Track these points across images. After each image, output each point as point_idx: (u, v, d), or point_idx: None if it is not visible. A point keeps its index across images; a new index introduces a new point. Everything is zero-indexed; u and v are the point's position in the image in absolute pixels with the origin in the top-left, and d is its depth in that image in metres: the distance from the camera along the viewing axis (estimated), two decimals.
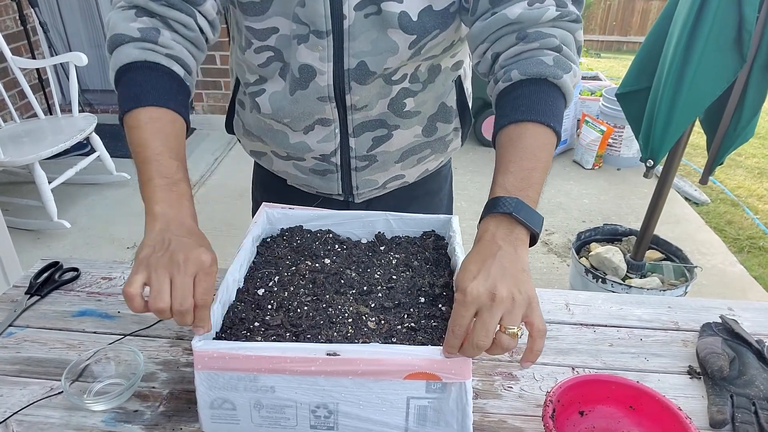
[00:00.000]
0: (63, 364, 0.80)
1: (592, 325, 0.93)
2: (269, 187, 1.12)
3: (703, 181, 1.93)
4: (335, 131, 0.92)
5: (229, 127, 1.07)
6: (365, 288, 0.80)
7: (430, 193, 1.12)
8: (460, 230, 0.88)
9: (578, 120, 3.92)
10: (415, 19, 0.78)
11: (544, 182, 0.68)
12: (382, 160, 0.97)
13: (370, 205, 1.07)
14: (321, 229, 0.95)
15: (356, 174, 0.98)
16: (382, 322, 0.74)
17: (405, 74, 0.88)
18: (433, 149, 1.00)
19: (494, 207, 0.64)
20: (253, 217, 1.20)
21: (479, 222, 0.65)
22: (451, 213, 1.21)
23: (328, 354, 0.63)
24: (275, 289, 0.80)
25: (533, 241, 0.66)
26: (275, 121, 0.93)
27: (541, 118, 0.69)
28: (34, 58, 3.56)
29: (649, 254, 2.21)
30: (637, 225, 2.25)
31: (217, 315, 0.72)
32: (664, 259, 2.23)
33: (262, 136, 0.98)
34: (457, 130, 1.02)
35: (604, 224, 2.38)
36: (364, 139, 0.93)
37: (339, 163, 0.96)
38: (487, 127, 4.02)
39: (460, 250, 0.82)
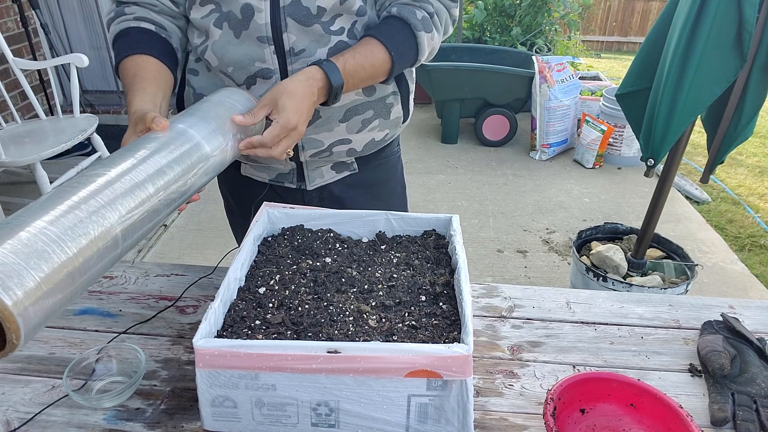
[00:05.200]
0: (65, 363, 0.80)
1: (593, 323, 0.93)
2: (225, 179, 1.17)
3: (704, 179, 1.93)
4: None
5: (180, 104, 1.08)
6: (366, 286, 0.81)
7: (380, 181, 1.15)
8: (461, 229, 0.89)
9: (579, 120, 3.92)
10: None
11: (364, 82, 0.95)
12: (325, 116, 0.98)
13: (322, 193, 1.09)
14: (322, 228, 0.95)
15: None
16: (383, 320, 0.74)
17: (342, 27, 0.94)
18: (375, 111, 1.02)
19: (323, 63, 0.88)
20: (226, 212, 1.25)
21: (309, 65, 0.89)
22: (405, 202, 1.25)
23: (329, 352, 0.63)
24: (276, 287, 0.80)
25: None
26: (223, 73, 0.96)
27: (390, 46, 0.92)
28: (35, 59, 3.56)
29: (649, 253, 2.21)
30: (637, 224, 2.25)
31: (218, 313, 0.72)
32: (665, 258, 2.23)
33: None
34: (396, 94, 1.05)
35: (605, 223, 2.37)
36: None
37: None
38: (488, 127, 4.03)
39: (460, 249, 0.82)
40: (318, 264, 0.85)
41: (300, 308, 0.76)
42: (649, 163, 1.77)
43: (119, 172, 0.64)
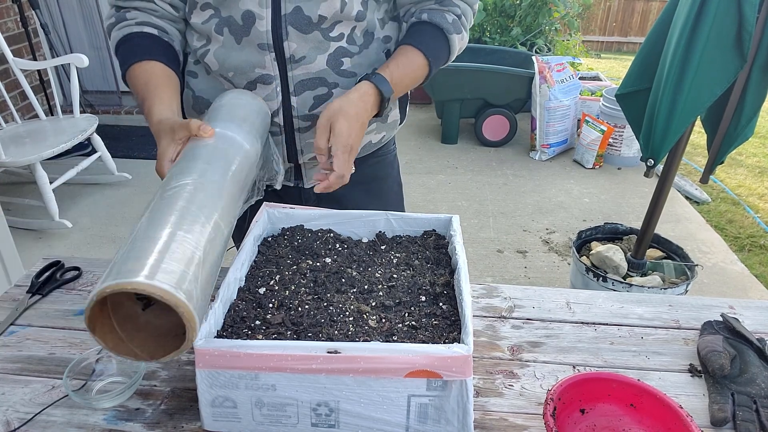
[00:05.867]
0: (65, 363, 0.80)
1: (593, 323, 0.93)
2: None
3: (704, 180, 1.93)
4: (276, 89, 0.95)
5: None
6: (366, 287, 0.81)
7: (377, 179, 1.16)
8: (461, 229, 0.89)
9: (579, 120, 3.92)
10: None
11: (407, 88, 1.00)
12: None
13: (322, 193, 1.09)
14: (322, 229, 0.95)
15: (300, 135, 1.00)
16: (383, 320, 0.74)
17: (342, 33, 0.94)
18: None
19: (374, 77, 0.92)
20: None
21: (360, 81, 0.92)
22: (402, 199, 1.26)
23: (329, 352, 0.63)
24: (276, 287, 0.80)
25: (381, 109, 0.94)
26: (223, 77, 0.96)
27: (427, 52, 0.97)
28: (35, 59, 3.56)
29: (649, 253, 2.21)
30: (637, 224, 2.25)
31: (218, 314, 0.72)
32: (665, 258, 2.23)
33: (211, 99, 1.00)
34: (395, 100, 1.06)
35: (605, 223, 2.37)
36: (305, 97, 0.96)
37: (282, 124, 0.98)
38: (488, 127, 4.03)
39: (460, 249, 0.82)
40: (318, 264, 0.85)
41: (300, 308, 0.76)
42: (649, 164, 1.78)
43: (199, 179, 0.72)
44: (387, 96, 0.92)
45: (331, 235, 0.93)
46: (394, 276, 0.83)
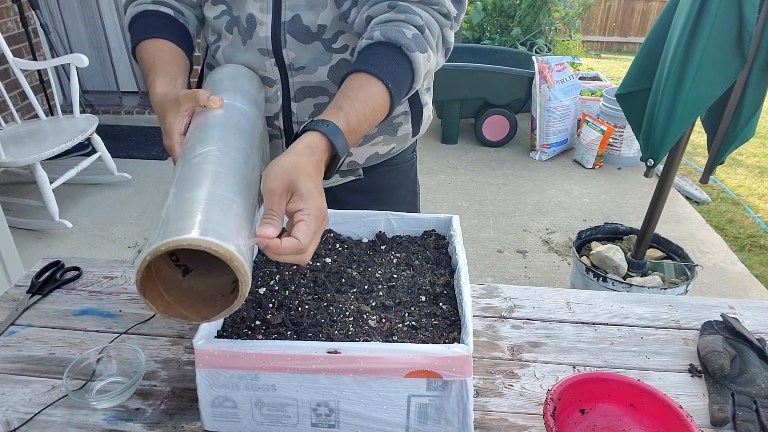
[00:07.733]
0: (64, 363, 0.80)
1: (593, 323, 0.93)
2: None
3: (704, 180, 1.93)
4: (278, 93, 0.94)
5: None
6: (366, 287, 0.81)
7: (387, 188, 1.12)
8: (461, 229, 0.89)
9: (579, 120, 3.92)
10: None
11: (363, 134, 0.78)
12: None
13: (326, 196, 1.06)
14: None
15: None
16: (383, 320, 0.74)
17: (346, 45, 0.91)
18: (380, 128, 1.01)
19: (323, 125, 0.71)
20: None
21: (304, 129, 0.71)
22: (416, 209, 1.22)
23: (329, 352, 0.63)
24: (276, 287, 0.80)
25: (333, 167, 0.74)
26: None
27: (386, 79, 0.77)
28: (35, 59, 3.56)
29: (649, 253, 2.21)
30: (637, 224, 2.25)
31: None
32: (665, 258, 2.23)
33: None
34: (406, 114, 1.03)
35: (605, 223, 2.37)
36: (305, 104, 0.95)
37: (282, 128, 0.98)
38: (488, 127, 4.02)
39: (460, 249, 0.82)
40: (318, 264, 0.85)
41: (300, 308, 0.76)
42: (649, 164, 1.77)
43: (223, 146, 0.70)
44: (341, 154, 0.70)
45: (331, 235, 0.93)
46: (394, 276, 0.83)
